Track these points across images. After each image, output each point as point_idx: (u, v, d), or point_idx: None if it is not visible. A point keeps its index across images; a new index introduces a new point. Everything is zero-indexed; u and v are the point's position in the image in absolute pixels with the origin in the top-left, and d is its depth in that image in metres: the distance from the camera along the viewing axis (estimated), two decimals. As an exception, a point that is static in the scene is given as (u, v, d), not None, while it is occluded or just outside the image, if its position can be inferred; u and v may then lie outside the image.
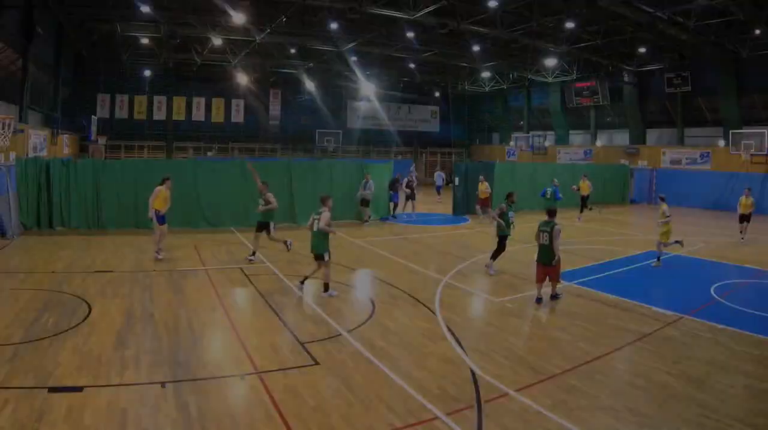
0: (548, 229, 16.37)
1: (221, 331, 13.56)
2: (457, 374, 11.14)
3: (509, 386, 10.54)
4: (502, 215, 20.36)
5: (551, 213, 17.20)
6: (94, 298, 15.62)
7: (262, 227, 21.08)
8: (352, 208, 31.49)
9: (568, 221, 30.90)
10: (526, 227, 31.77)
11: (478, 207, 35.49)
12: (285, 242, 21.76)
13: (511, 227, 20.52)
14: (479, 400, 9.99)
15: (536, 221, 17.43)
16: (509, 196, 21.39)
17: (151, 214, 20.75)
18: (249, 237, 24.41)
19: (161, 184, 21.21)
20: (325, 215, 16.46)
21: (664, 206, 22.68)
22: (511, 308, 16.04)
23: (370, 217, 32.05)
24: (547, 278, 16.51)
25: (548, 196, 32.57)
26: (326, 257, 16.49)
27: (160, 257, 21.11)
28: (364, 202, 31.47)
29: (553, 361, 11.92)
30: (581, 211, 35.85)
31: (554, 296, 16.65)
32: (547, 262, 16.27)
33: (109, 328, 13.12)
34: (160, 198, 20.96)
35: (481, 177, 35.38)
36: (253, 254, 21.40)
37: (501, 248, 20.40)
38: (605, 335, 13.68)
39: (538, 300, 16.36)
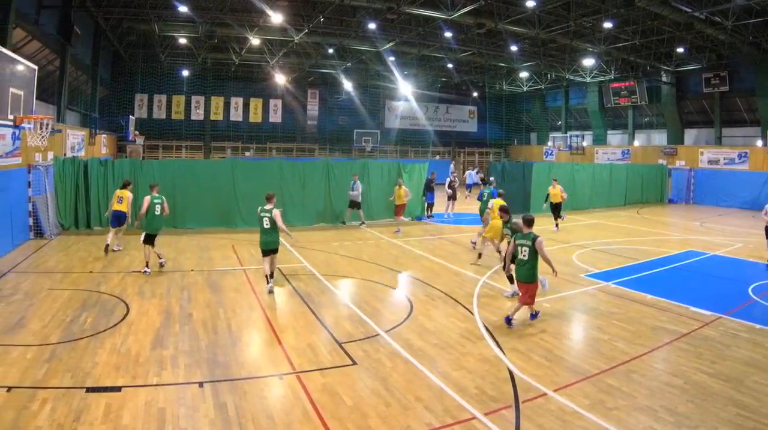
0: (529, 242, 14.28)
1: (259, 331, 13.58)
2: (495, 373, 11.10)
3: (547, 385, 10.53)
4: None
5: (528, 222, 14.75)
6: (131, 298, 15.76)
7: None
8: (389, 209, 31.31)
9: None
10: (565, 227, 31.64)
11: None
12: None
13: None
14: (517, 400, 9.97)
15: (575, 222, 17.16)
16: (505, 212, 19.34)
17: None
18: (286, 237, 24.56)
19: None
20: (276, 212, 17.04)
21: None
22: (549, 308, 15.94)
23: (363, 222, 31.13)
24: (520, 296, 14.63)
25: (485, 197, 26.16)
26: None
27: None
28: (353, 205, 30.49)
29: (591, 361, 11.91)
30: (556, 221, 31.42)
31: (508, 319, 14.20)
32: (527, 279, 14.17)
33: (147, 328, 13.22)
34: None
35: (399, 180, 30.97)
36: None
37: None
38: (643, 335, 13.58)
39: (533, 316, 14.79)
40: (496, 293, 17.43)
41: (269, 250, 17.23)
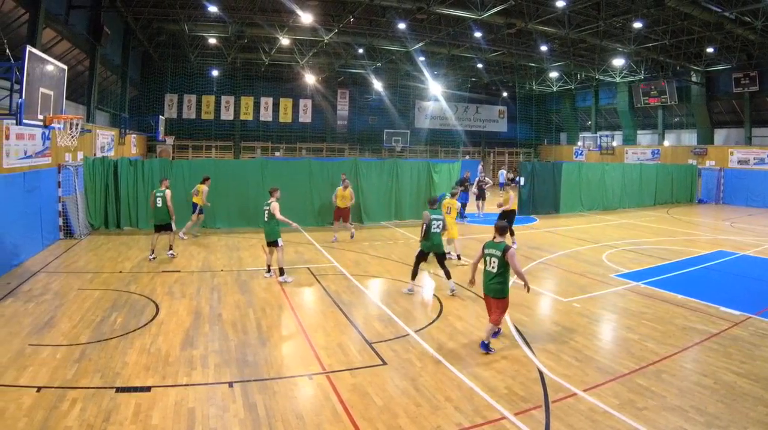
0: (498, 252, 12.29)
1: (289, 330, 13.60)
2: (524, 374, 11.11)
3: (577, 385, 10.54)
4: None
5: (501, 230, 12.80)
6: (161, 298, 15.86)
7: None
8: (420, 208, 31.09)
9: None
10: (595, 227, 31.49)
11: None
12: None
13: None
14: (547, 400, 9.96)
15: (605, 222, 17.02)
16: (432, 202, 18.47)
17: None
18: (316, 236, 24.60)
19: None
20: (274, 204, 17.76)
21: None
22: (579, 308, 15.89)
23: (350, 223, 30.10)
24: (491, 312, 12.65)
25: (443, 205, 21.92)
26: (280, 243, 18.09)
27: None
28: None
29: (621, 361, 11.90)
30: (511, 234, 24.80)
31: (485, 345, 12.32)
32: (496, 294, 12.34)
33: (176, 328, 13.30)
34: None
35: (345, 180, 27.10)
36: None
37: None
38: (673, 335, 13.54)
39: (495, 334, 13.07)
40: (526, 293, 17.27)
41: (268, 242, 18.13)
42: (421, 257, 17.16)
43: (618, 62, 54.02)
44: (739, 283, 19.47)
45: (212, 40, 51.09)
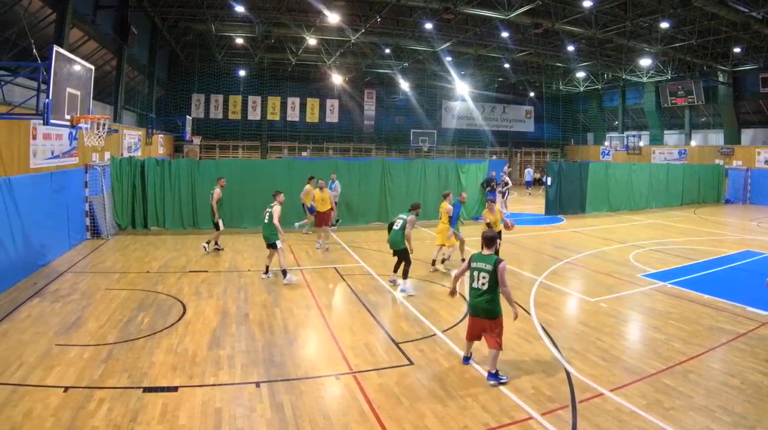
0: (489, 266, 10.70)
1: (316, 330, 13.59)
2: (551, 373, 11.08)
3: (604, 385, 10.50)
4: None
5: (489, 242, 11.24)
6: (188, 298, 15.92)
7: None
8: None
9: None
10: (622, 227, 31.35)
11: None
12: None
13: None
14: (574, 400, 9.94)
15: (631, 222, 16.86)
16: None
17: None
18: (343, 236, 24.62)
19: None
20: (276, 208, 17.97)
21: None
22: (606, 308, 15.83)
23: (338, 221, 28.99)
24: (483, 338, 11.05)
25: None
26: (278, 245, 17.91)
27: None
28: None
29: (648, 361, 11.85)
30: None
31: (493, 376, 10.58)
32: (488, 314, 10.74)
33: (203, 328, 13.33)
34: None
35: (320, 182, 25.00)
36: None
37: (408, 261, 17.56)
38: (699, 335, 13.49)
39: (466, 359, 11.49)
40: (553, 293, 17.34)
41: (267, 244, 18.20)
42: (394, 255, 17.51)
43: (645, 62, 53.84)
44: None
45: (239, 40, 51.36)
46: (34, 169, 21.11)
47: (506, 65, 59.13)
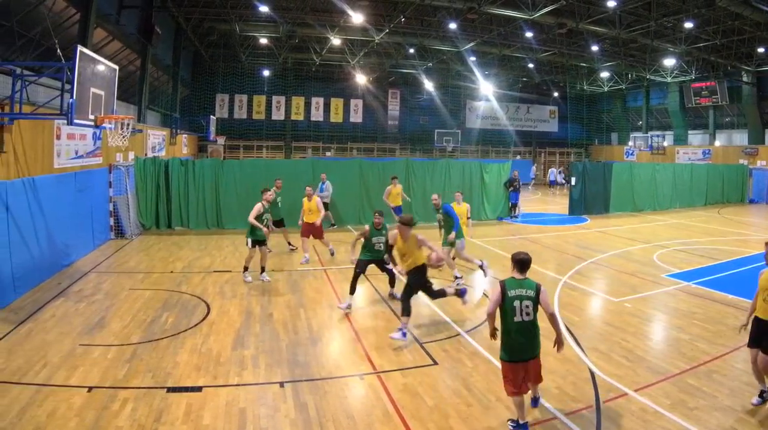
0: (532, 293, 8.91)
1: (340, 330, 13.60)
2: (575, 374, 11.07)
3: (628, 385, 10.49)
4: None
5: (523, 263, 9.12)
6: (212, 298, 15.95)
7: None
8: (473, 209, 30.82)
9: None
10: (646, 227, 31.22)
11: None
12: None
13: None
14: (598, 400, 9.92)
15: (655, 222, 16.67)
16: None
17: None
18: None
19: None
20: (257, 205, 17.66)
21: None
22: (630, 308, 15.78)
23: (332, 225, 28.84)
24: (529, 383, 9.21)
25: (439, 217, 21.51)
26: (248, 243, 17.81)
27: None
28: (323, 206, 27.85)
29: (672, 361, 11.83)
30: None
31: (536, 401, 9.70)
32: (536, 350, 9.00)
33: (227, 328, 13.36)
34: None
35: (308, 188, 22.21)
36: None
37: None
38: (723, 335, 13.42)
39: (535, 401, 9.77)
40: (577, 293, 17.31)
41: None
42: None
43: (669, 62, 53.86)
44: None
45: (263, 40, 51.67)
46: (58, 170, 21.24)
47: (530, 65, 58.97)
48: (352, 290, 15.32)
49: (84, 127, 18.87)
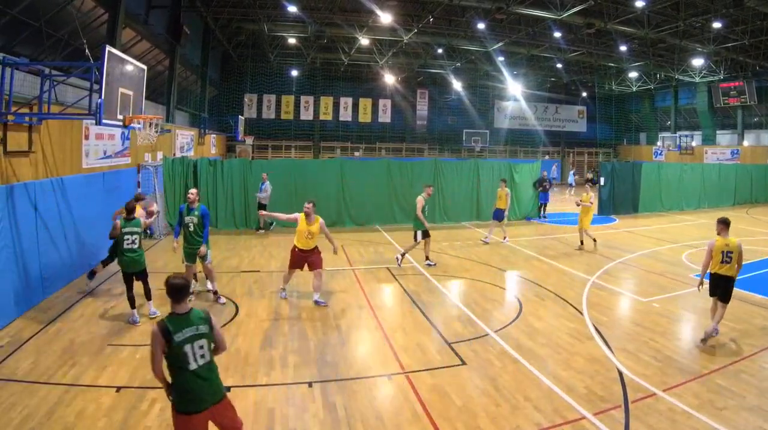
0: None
1: (368, 331, 13.60)
2: (604, 373, 11.06)
3: (656, 385, 10.49)
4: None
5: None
6: (241, 298, 16.03)
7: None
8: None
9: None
10: (674, 227, 31.03)
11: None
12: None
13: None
14: (626, 400, 9.92)
15: (684, 222, 16.56)
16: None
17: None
18: (395, 236, 24.56)
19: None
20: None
21: None
22: (659, 308, 15.74)
23: (272, 224, 27.99)
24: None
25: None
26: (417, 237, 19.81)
27: None
28: (260, 207, 27.15)
29: (700, 361, 11.89)
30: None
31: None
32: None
33: (256, 328, 13.40)
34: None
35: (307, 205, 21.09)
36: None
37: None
38: (752, 335, 13.46)
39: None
40: (605, 293, 17.30)
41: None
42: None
43: (697, 62, 53.74)
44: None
45: (292, 40, 51.83)
46: (86, 170, 21.38)
47: (559, 65, 59.07)
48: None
49: (112, 127, 19.00)
